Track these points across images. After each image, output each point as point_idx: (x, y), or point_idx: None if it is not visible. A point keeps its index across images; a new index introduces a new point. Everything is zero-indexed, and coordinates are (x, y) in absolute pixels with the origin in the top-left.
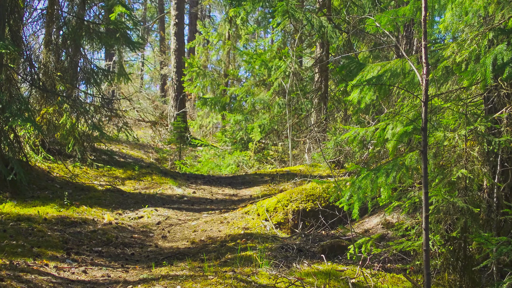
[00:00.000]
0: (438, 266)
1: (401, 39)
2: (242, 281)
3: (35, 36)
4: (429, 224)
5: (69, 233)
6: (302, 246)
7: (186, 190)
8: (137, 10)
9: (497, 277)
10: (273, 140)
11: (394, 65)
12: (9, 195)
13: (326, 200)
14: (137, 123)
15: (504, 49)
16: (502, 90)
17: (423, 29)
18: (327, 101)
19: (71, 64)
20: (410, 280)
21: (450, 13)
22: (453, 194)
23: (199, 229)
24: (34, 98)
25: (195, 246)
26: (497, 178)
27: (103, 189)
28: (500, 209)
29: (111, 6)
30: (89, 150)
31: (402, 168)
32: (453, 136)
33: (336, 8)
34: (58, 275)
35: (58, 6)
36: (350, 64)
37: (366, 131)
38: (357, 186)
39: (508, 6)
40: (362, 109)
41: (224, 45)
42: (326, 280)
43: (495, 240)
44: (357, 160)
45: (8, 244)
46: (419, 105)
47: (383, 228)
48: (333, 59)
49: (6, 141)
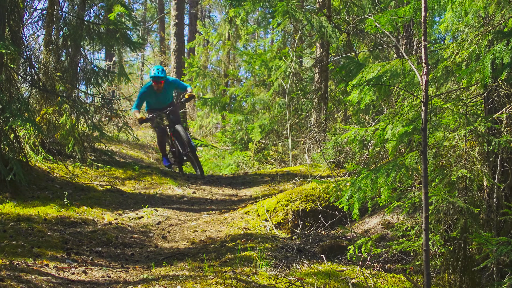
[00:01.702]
0: (438, 266)
1: (401, 39)
2: (242, 281)
3: (35, 36)
4: (429, 224)
5: (69, 233)
6: (302, 246)
7: (186, 190)
8: (137, 10)
9: (497, 277)
10: (273, 140)
11: (394, 65)
12: (9, 195)
13: (326, 200)
14: (137, 123)
15: (503, 48)
16: (502, 90)
17: (423, 30)
18: (327, 101)
19: (71, 64)
20: (410, 280)
21: (450, 13)
22: (453, 194)
23: (199, 229)
24: (34, 98)
25: (195, 246)
26: (497, 178)
27: (103, 189)
28: (500, 209)
29: (111, 6)
30: (89, 150)
31: (402, 168)
32: (453, 136)
33: (336, 8)
34: (58, 275)
35: (58, 6)
36: (350, 64)
37: (366, 131)
38: (357, 186)
39: (508, 6)
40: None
41: (224, 45)
42: (326, 280)
43: (495, 240)
44: (357, 160)
45: (8, 244)
46: (419, 105)
47: (383, 228)
48: (333, 59)
49: (6, 141)
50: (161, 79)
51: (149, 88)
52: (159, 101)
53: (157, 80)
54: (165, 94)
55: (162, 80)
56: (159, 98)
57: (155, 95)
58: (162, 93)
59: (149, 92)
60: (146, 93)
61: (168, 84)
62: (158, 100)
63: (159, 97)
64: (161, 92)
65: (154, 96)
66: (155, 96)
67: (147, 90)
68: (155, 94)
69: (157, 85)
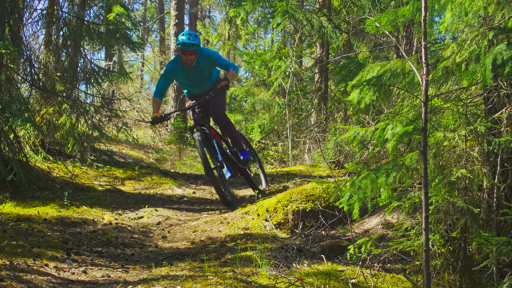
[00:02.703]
0: (438, 267)
1: (401, 40)
2: (242, 281)
3: (35, 36)
4: (429, 224)
5: (69, 233)
6: (302, 246)
7: (186, 190)
8: (137, 10)
9: (497, 277)
10: (273, 140)
11: (394, 65)
12: (9, 195)
13: (326, 200)
14: (137, 123)
15: (504, 49)
16: (502, 90)
17: (423, 30)
18: (327, 101)
19: (71, 64)
20: (410, 280)
21: (450, 13)
22: (453, 194)
23: (199, 229)
24: (34, 98)
25: (195, 246)
26: (497, 178)
27: (103, 189)
28: (500, 209)
29: (111, 6)
30: (89, 150)
31: (402, 168)
32: (453, 136)
33: (336, 8)
34: (58, 275)
35: (58, 6)
36: (349, 64)
37: (366, 131)
38: (357, 186)
39: (508, 6)
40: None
41: (224, 45)
42: (326, 280)
43: (495, 240)
44: (357, 160)
45: (8, 244)
46: (419, 105)
47: (383, 229)
48: (333, 59)
49: (6, 141)
50: (192, 48)
51: (176, 63)
52: (193, 82)
53: (185, 50)
54: (201, 72)
55: (193, 51)
56: (193, 77)
57: (185, 72)
58: (196, 70)
59: (177, 69)
60: (173, 70)
61: (203, 57)
62: (191, 81)
63: (191, 76)
64: (194, 69)
65: (185, 73)
66: (186, 73)
67: (174, 65)
68: (185, 71)
69: (186, 57)
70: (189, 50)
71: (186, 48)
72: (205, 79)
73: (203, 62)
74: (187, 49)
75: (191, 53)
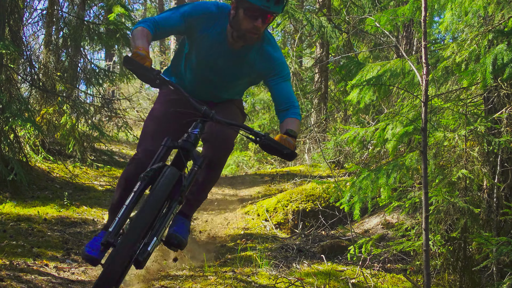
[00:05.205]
0: (438, 267)
1: (401, 39)
2: (242, 281)
3: (35, 36)
4: (429, 224)
5: (69, 233)
6: (302, 246)
7: None
8: (137, 10)
9: (497, 277)
10: None
11: (393, 65)
12: (9, 195)
13: (326, 200)
14: (137, 123)
15: (504, 49)
16: (502, 90)
17: (423, 29)
18: (327, 101)
19: (71, 64)
20: (410, 280)
21: (450, 13)
22: (453, 195)
23: (199, 229)
24: (34, 98)
25: (195, 246)
26: (497, 178)
27: (103, 189)
28: (500, 209)
29: (111, 6)
30: (89, 150)
31: (402, 168)
32: (453, 136)
33: (336, 8)
34: (58, 275)
35: (58, 6)
36: (349, 64)
37: (366, 131)
38: (358, 186)
39: (508, 6)
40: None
41: None
42: (326, 280)
43: (495, 240)
44: (357, 160)
45: (8, 244)
46: (419, 105)
47: (383, 229)
48: (333, 59)
49: (6, 141)
50: (272, 9)
51: (222, 20)
52: (208, 72)
53: (260, 7)
54: (236, 70)
55: (272, 16)
56: (217, 66)
57: (215, 47)
58: (234, 60)
59: (215, 29)
60: (208, 23)
61: (262, 53)
62: (207, 69)
63: (218, 62)
64: (235, 55)
65: (211, 48)
66: (214, 50)
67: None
68: (218, 46)
69: (251, 22)
70: (268, 11)
71: (262, 4)
72: (230, 84)
73: (256, 58)
74: (265, 7)
75: (266, 18)
